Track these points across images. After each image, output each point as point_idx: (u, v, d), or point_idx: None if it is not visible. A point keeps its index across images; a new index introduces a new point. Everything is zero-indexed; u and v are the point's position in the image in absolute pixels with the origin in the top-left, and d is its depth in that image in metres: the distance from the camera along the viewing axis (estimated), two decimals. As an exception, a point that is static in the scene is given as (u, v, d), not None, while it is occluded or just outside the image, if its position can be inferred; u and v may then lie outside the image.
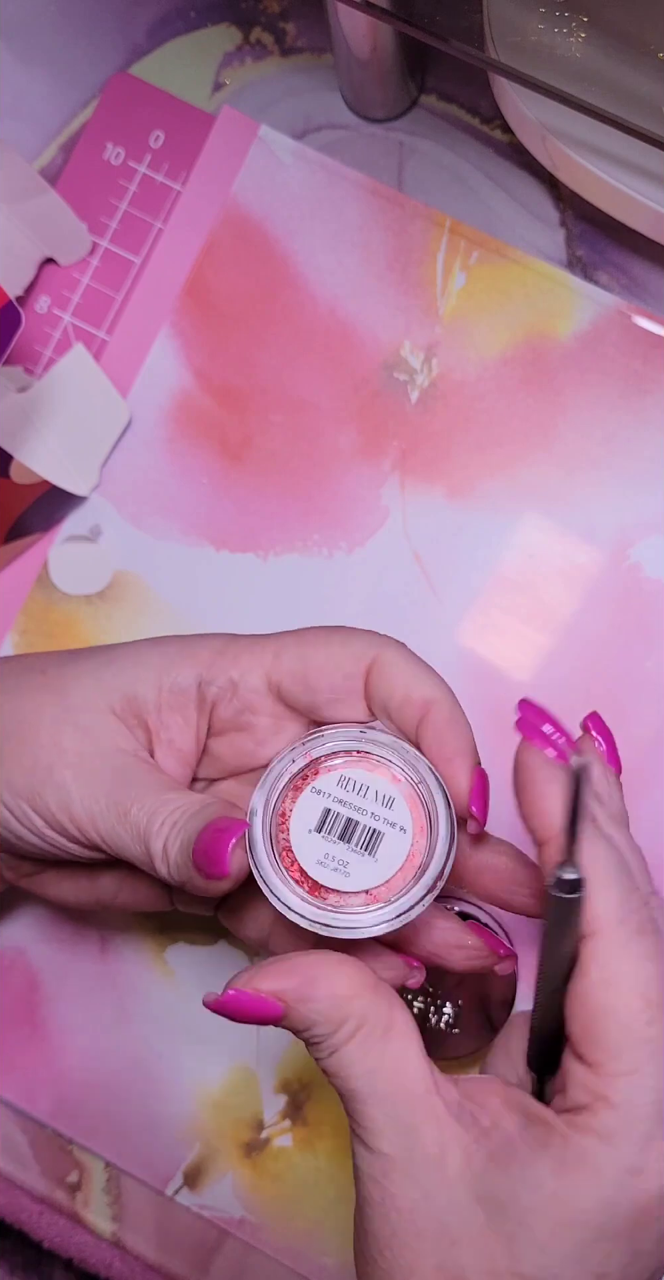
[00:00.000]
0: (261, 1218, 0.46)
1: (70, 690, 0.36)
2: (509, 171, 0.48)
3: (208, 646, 0.36)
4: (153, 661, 0.36)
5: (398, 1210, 0.29)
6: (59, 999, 0.47)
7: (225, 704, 0.36)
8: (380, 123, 0.49)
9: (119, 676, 0.36)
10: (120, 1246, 0.47)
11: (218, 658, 0.36)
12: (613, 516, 0.46)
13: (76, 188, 0.49)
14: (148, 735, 0.36)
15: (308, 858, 0.31)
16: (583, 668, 0.46)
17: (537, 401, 0.47)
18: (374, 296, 0.47)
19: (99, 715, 0.36)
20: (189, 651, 0.36)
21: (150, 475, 0.48)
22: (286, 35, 0.49)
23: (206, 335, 0.48)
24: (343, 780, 0.31)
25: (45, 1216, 0.48)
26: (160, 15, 0.50)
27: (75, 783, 0.35)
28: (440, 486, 0.47)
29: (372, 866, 0.31)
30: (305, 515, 0.47)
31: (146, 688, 0.36)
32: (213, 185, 0.48)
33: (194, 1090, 0.46)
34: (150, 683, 0.36)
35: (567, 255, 0.48)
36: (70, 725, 0.35)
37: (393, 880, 0.31)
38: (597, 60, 0.43)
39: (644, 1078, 0.27)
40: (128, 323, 0.48)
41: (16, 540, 0.48)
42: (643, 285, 0.47)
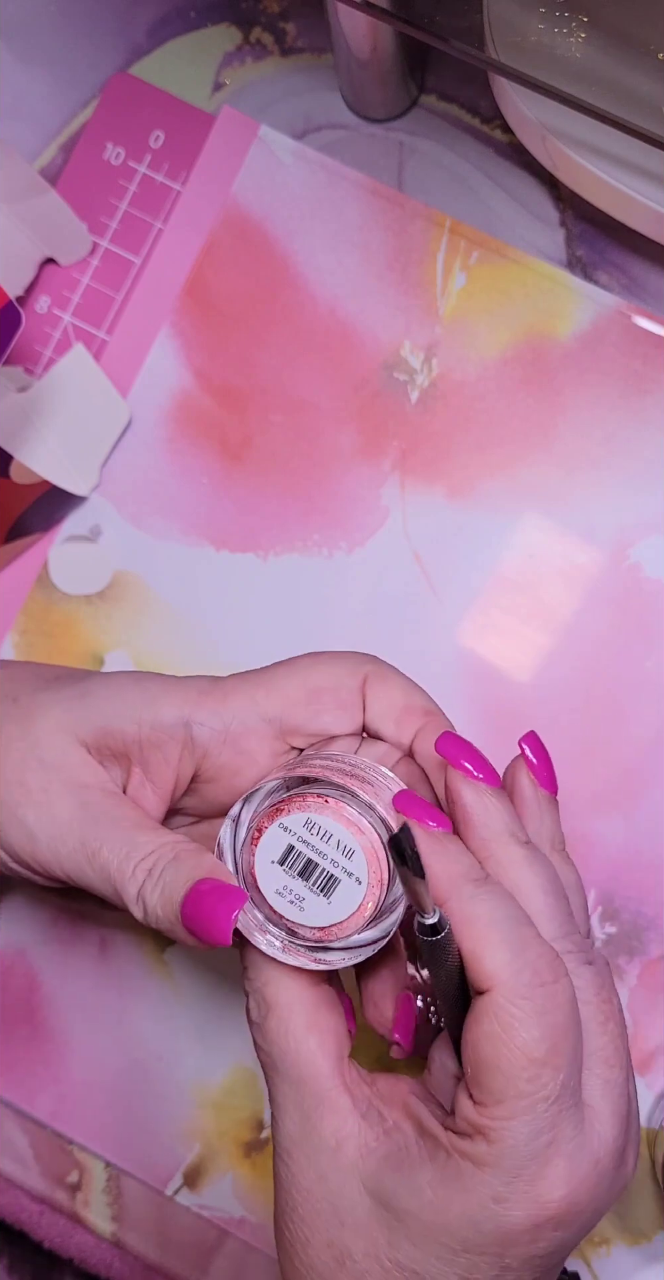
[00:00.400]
0: (262, 1218, 0.46)
1: (36, 722, 0.35)
2: (509, 171, 0.48)
3: (194, 687, 0.36)
4: (132, 697, 0.35)
5: (297, 1188, 0.32)
6: (59, 999, 0.47)
7: (219, 748, 0.35)
8: (380, 123, 0.49)
9: (92, 710, 0.35)
10: (120, 1246, 0.47)
11: (204, 698, 0.35)
12: (613, 516, 0.46)
13: (76, 188, 0.49)
14: (123, 770, 0.36)
15: (268, 885, 0.32)
16: (583, 668, 0.46)
17: (537, 401, 0.47)
18: (374, 296, 0.47)
19: (64, 749, 0.35)
20: (172, 689, 0.36)
21: (150, 475, 0.48)
22: (286, 35, 0.49)
23: (206, 335, 0.48)
24: (309, 823, 0.32)
25: (45, 1216, 0.48)
26: (160, 15, 0.50)
27: (38, 823, 0.34)
28: (440, 486, 0.47)
29: (324, 908, 0.32)
30: (305, 515, 0.47)
31: (125, 722, 0.35)
32: (213, 185, 0.48)
33: (194, 1090, 0.46)
34: (129, 717, 0.35)
35: (567, 255, 0.48)
36: (35, 760, 0.35)
37: (344, 924, 0.32)
38: (597, 60, 0.43)
39: (519, 1124, 0.30)
40: (128, 323, 0.48)
41: (16, 540, 0.48)
42: (643, 285, 0.47)
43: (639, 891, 0.45)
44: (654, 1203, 0.45)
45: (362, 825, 0.32)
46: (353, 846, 0.32)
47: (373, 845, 0.32)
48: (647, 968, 0.45)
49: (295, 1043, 0.32)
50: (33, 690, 0.36)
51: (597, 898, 0.45)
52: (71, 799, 0.34)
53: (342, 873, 0.32)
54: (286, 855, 0.32)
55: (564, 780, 0.46)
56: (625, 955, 0.45)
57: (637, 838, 0.45)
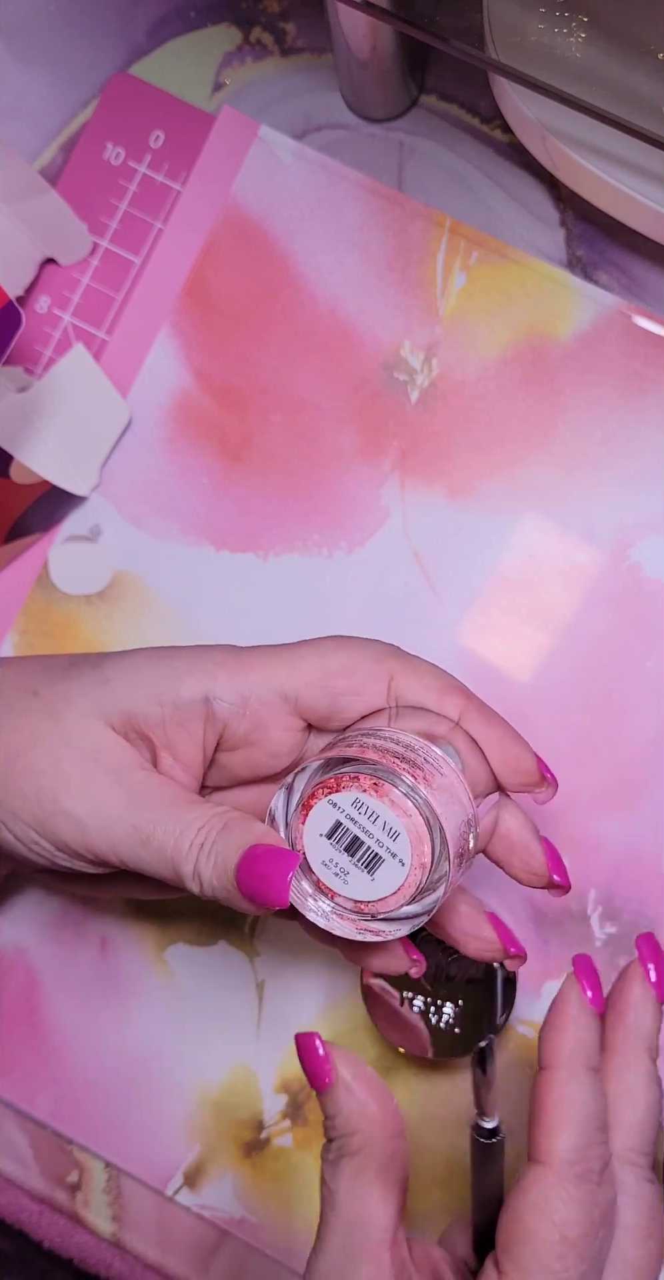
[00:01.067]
0: (261, 1218, 0.46)
1: (64, 713, 0.35)
2: (509, 171, 0.48)
3: (211, 659, 0.36)
4: (151, 677, 0.36)
5: None
6: (59, 999, 0.47)
7: (238, 721, 0.36)
8: (380, 123, 0.49)
9: (115, 695, 0.35)
10: (120, 1246, 0.47)
11: (223, 671, 0.36)
12: (613, 516, 0.46)
13: (76, 188, 0.49)
14: (151, 749, 0.36)
15: (315, 856, 0.33)
16: (583, 668, 0.46)
17: (537, 401, 0.47)
18: (374, 296, 0.47)
19: (99, 735, 0.35)
20: (191, 664, 0.36)
21: (150, 475, 0.48)
22: (286, 35, 0.49)
23: (206, 335, 0.48)
24: (358, 802, 0.33)
25: (45, 1216, 0.48)
26: (160, 15, 0.50)
27: (86, 813, 0.34)
28: (440, 486, 0.47)
29: (367, 884, 0.33)
30: (305, 515, 0.47)
31: (147, 704, 0.35)
32: (213, 185, 0.48)
33: (194, 1090, 0.46)
34: (151, 699, 0.35)
35: (567, 255, 0.48)
36: (71, 750, 0.35)
37: (385, 900, 0.33)
38: (597, 60, 0.43)
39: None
40: (128, 323, 0.48)
41: (16, 540, 0.48)
42: (643, 285, 0.47)
43: (639, 891, 0.45)
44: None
45: (408, 809, 0.33)
46: (398, 829, 0.33)
47: (418, 829, 0.33)
48: (647, 968, 0.45)
49: (363, 1189, 0.34)
50: (51, 681, 0.36)
51: (597, 897, 0.45)
52: (115, 784, 0.34)
53: (386, 853, 0.33)
54: (334, 830, 0.33)
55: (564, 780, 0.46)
56: (626, 955, 0.45)
57: (637, 838, 0.45)
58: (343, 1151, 0.34)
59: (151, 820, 0.34)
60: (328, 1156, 0.34)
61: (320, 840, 0.33)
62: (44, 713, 0.35)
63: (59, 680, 0.36)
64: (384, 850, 0.33)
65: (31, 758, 0.35)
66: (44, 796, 0.34)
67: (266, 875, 0.32)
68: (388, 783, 0.33)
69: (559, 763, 0.45)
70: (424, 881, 0.33)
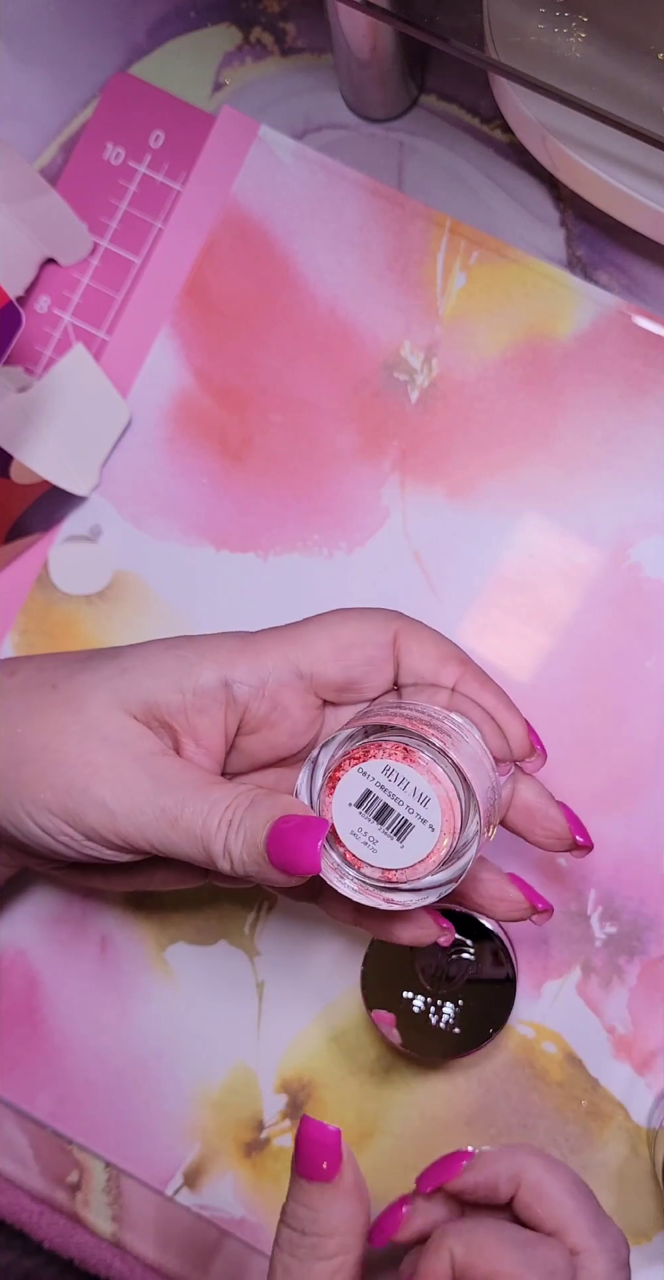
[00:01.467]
0: (261, 1218, 0.46)
1: (87, 704, 0.35)
2: (509, 171, 0.48)
3: (225, 645, 0.36)
4: (168, 666, 0.36)
5: None
6: (59, 999, 0.47)
7: (257, 703, 0.36)
8: (380, 123, 0.49)
9: (135, 686, 0.36)
10: (120, 1246, 0.47)
11: (239, 656, 0.36)
12: (613, 516, 0.46)
13: (76, 188, 0.49)
14: (173, 736, 0.36)
15: (343, 826, 0.34)
16: (583, 668, 0.46)
17: (537, 401, 0.47)
18: (374, 296, 0.47)
19: (122, 724, 0.35)
20: (207, 652, 0.36)
21: (150, 475, 0.48)
22: (286, 35, 0.49)
23: (206, 335, 0.48)
24: (388, 769, 0.33)
25: (45, 1216, 0.48)
26: (160, 15, 0.50)
27: (115, 799, 0.34)
28: (440, 486, 0.47)
29: (397, 851, 0.33)
30: (305, 515, 0.47)
31: (168, 692, 0.36)
32: (213, 185, 0.48)
33: (194, 1090, 0.46)
34: (170, 688, 0.36)
35: (567, 255, 0.48)
36: (96, 739, 0.35)
37: (414, 868, 0.33)
38: (597, 60, 0.43)
39: None
40: (128, 323, 0.48)
41: (16, 540, 0.48)
42: (643, 285, 0.47)
43: (639, 891, 0.45)
44: (654, 1203, 0.45)
45: (438, 774, 0.33)
46: (429, 795, 0.33)
47: (447, 794, 0.33)
48: (647, 968, 0.45)
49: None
50: (69, 674, 0.36)
51: (597, 897, 0.45)
52: (142, 770, 0.35)
53: (416, 819, 0.33)
54: (364, 799, 0.34)
55: (564, 780, 0.46)
56: (625, 955, 0.45)
57: (637, 838, 0.45)
58: (317, 1254, 0.34)
59: (179, 802, 0.34)
60: (298, 1252, 0.35)
61: (349, 810, 0.34)
62: (65, 705, 0.36)
63: (77, 673, 0.36)
64: (414, 816, 0.33)
65: (58, 749, 0.35)
66: (73, 786, 0.34)
67: (296, 845, 0.32)
68: (417, 749, 0.33)
69: (559, 763, 0.45)
70: (455, 845, 0.33)
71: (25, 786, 0.35)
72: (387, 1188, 0.45)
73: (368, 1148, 0.46)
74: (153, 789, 0.34)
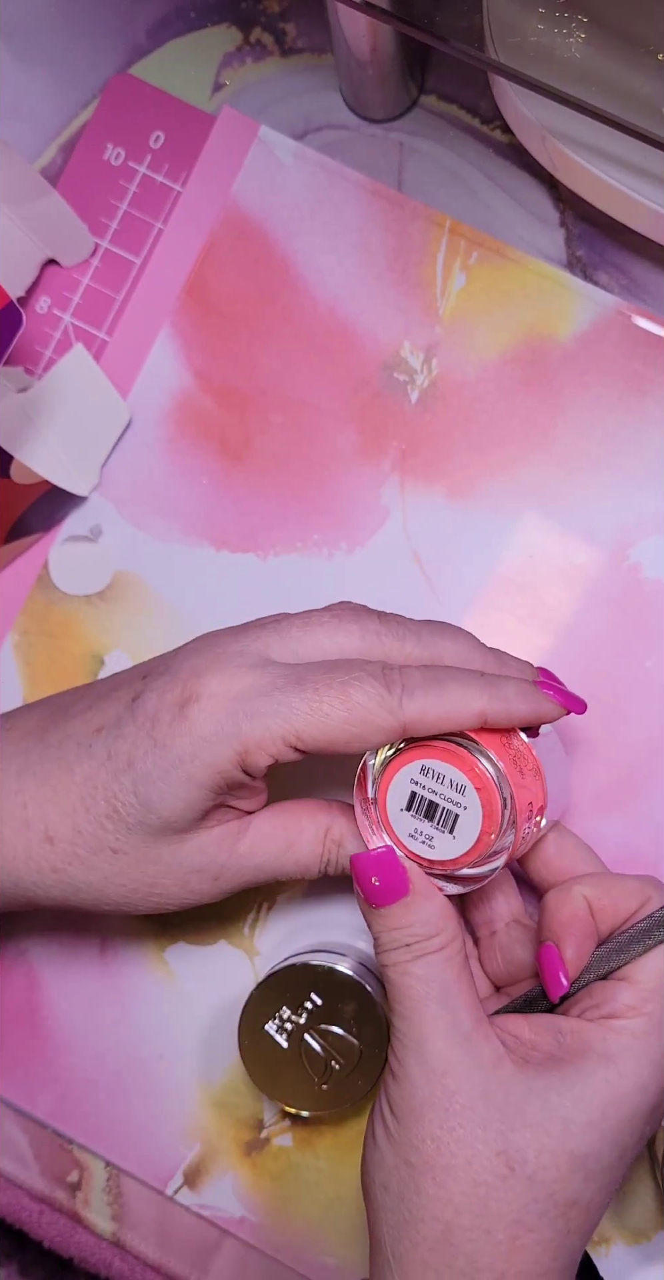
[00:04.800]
0: (261, 1218, 0.46)
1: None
2: (509, 171, 0.48)
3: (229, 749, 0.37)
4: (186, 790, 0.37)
5: (459, 1106, 0.34)
6: (59, 999, 0.47)
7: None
8: (380, 123, 0.49)
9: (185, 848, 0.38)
10: (120, 1246, 0.47)
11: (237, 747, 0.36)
12: (613, 516, 0.46)
13: (77, 188, 0.49)
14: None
15: (402, 831, 0.36)
16: (583, 668, 0.46)
17: (537, 402, 0.47)
18: (374, 297, 0.47)
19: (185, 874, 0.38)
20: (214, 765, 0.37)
21: (150, 475, 0.48)
22: (286, 35, 0.49)
23: (206, 335, 0.48)
24: (424, 768, 0.36)
25: (45, 1216, 0.48)
26: (160, 15, 0.50)
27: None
28: (440, 486, 0.47)
29: (451, 842, 0.36)
30: (305, 515, 0.47)
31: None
32: (213, 185, 0.48)
33: (194, 1090, 0.46)
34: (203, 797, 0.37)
35: (567, 255, 0.48)
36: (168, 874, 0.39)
37: (469, 853, 0.36)
38: (597, 60, 0.43)
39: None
40: (128, 323, 0.48)
41: (17, 540, 0.48)
42: (643, 285, 0.47)
43: (639, 891, 0.45)
44: (654, 1202, 0.45)
45: (462, 756, 0.36)
46: (462, 782, 0.36)
47: (478, 774, 0.35)
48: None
49: (457, 970, 0.35)
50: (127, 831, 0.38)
51: (597, 898, 0.45)
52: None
53: (459, 808, 0.36)
54: (411, 801, 0.36)
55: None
56: (625, 955, 0.45)
57: (637, 838, 0.45)
58: (427, 951, 0.35)
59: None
60: (405, 960, 0.35)
61: (402, 815, 0.36)
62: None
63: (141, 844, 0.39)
64: (458, 807, 0.36)
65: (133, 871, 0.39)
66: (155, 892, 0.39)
67: (385, 880, 0.36)
68: (442, 743, 0.36)
69: (559, 763, 0.45)
70: (501, 824, 0.35)
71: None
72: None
73: (368, 1148, 0.46)
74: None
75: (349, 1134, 0.46)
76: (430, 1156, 0.34)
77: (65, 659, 0.48)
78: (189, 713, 0.36)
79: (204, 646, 0.38)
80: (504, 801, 0.35)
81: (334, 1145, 0.46)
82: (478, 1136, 0.34)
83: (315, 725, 0.35)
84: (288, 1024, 0.43)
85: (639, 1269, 0.44)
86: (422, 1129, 0.34)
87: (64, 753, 0.38)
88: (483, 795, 0.35)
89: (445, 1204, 0.34)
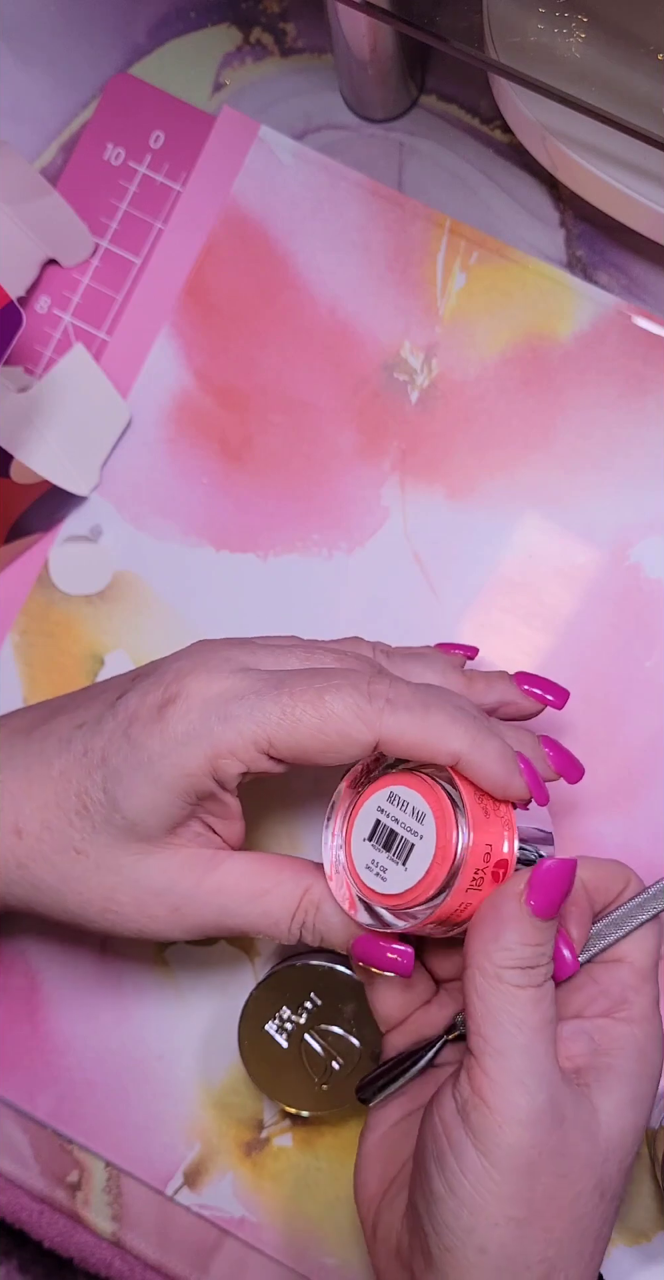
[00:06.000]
0: (261, 1218, 0.46)
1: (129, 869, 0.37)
2: (509, 171, 0.48)
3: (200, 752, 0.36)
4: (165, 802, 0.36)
5: (572, 1153, 0.33)
6: (59, 999, 0.47)
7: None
8: (380, 123, 0.49)
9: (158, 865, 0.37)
10: (120, 1246, 0.47)
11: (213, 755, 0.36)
12: (613, 516, 0.46)
13: (77, 188, 0.49)
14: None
15: (359, 862, 0.35)
16: (583, 667, 0.46)
17: (537, 402, 0.47)
18: (374, 296, 0.47)
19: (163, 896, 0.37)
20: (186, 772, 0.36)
21: (150, 475, 0.48)
22: (287, 35, 0.49)
23: (206, 335, 0.48)
24: (392, 795, 0.34)
25: (45, 1216, 0.48)
26: (160, 15, 0.50)
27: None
28: (440, 486, 0.47)
29: (401, 874, 0.34)
30: (305, 515, 0.47)
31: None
32: (213, 185, 0.48)
33: (194, 1090, 0.46)
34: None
35: (567, 255, 0.48)
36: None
37: (415, 888, 0.34)
38: (597, 60, 0.43)
39: None
40: (128, 323, 0.48)
41: (17, 540, 0.48)
42: (643, 285, 0.47)
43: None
44: (654, 1203, 0.45)
45: (431, 784, 0.34)
46: (424, 810, 0.34)
47: (441, 805, 0.34)
48: (647, 968, 0.45)
49: (548, 1005, 0.34)
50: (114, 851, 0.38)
51: (597, 898, 0.45)
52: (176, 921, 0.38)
53: (416, 837, 0.34)
54: (374, 830, 0.35)
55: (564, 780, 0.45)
56: (625, 955, 0.45)
57: (637, 838, 0.45)
58: (541, 979, 0.34)
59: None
60: (529, 986, 0.34)
61: (364, 844, 0.35)
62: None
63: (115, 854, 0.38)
64: (414, 835, 0.34)
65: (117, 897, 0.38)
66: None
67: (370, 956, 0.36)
68: (409, 770, 0.35)
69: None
70: (454, 863, 0.34)
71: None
72: (386, 1188, 0.45)
73: (368, 1148, 0.46)
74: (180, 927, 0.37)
75: (349, 1134, 0.46)
76: (541, 1206, 0.33)
77: (65, 659, 0.48)
78: (166, 713, 0.35)
79: (194, 651, 0.37)
80: (457, 843, 0.34)
81: (334, 1145, 0.46)
82: (585, 1176, 0.33)
83: (286, 731, 0.34)
84: (288, 1024, 0.43)
85: (639, 1269, 0.44)
86: (534, 1182, 0.33)
87: (45, 747, 0.37)
88: (440, 828, 0.33)
89: (549, 1243, 0.33)
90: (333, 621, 0.47)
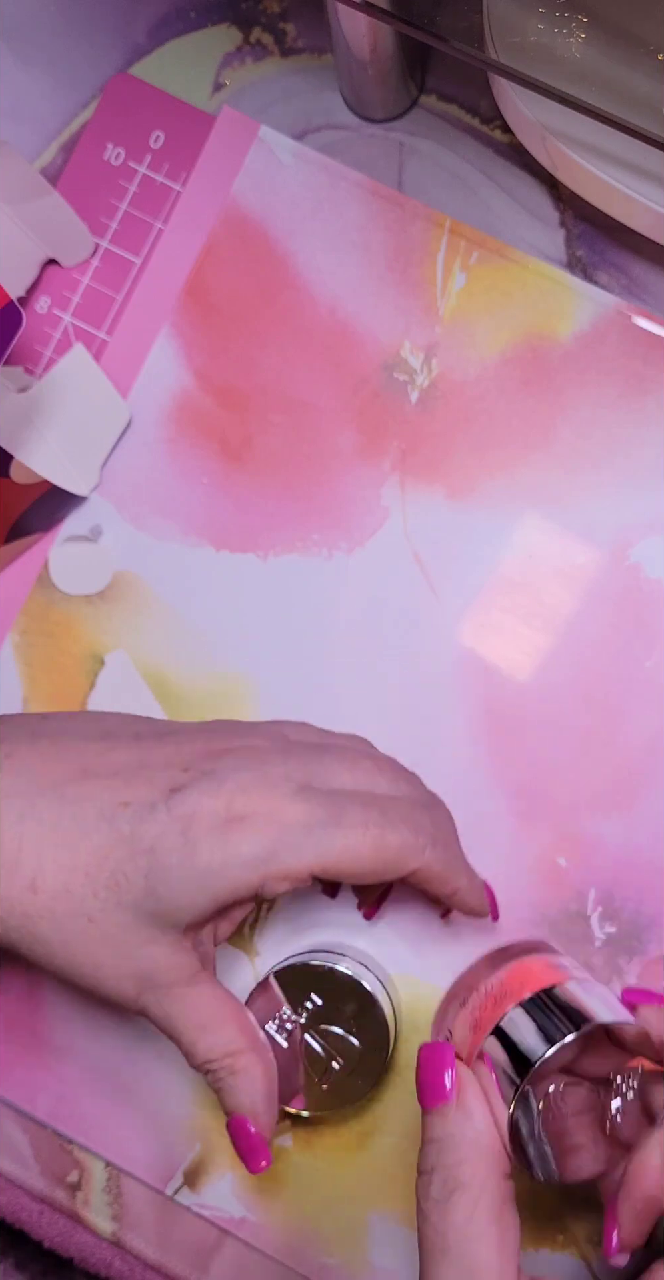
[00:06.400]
0: (261, 1218, 0.46)
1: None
2: (509, 171, 0.48)
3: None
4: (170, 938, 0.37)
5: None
6: (59, 1000, 0.47)
7: None
8: (380, 123, 0.49)
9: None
10: (120, 1246, 0.47)
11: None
12: (613, 516, 0.46)
13: (77, 188, 0.49)
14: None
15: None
16: (583, 667, 0.46)
17: (537, 402, 0.47)
18: (374, 297, 0.47)
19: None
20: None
21: (150, 475, 0.48)
22: (286, 36, 0.49)
23: (206, 335, 0.48)
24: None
25: (45, 1216, 0.48)
26: (160, 15, 0.50)
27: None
28: (440, 486, 0.47)
29: None
30: (305, 515, 0.47)
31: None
32: (213, 185, 0.48)
33: (194, 1090, 0.46)
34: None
35: (567, 255, 0.48)
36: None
37: None
38: (597, 60, 0.43)
39: None
40: (128, 323, 0.48)
41: (16, 540, 0.48)
42: (643, 285, 0.47)
43: (639, 891, 0.45)
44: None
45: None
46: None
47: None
48: (647, 968, 0.45)
49: (479, 1230, 0.32)
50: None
51: (596, 897, 0.45)
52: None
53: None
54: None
55: (564, 780, 0.46)
56: (625, 955, 0.45)
57: (637, 838, 0.45)
58: (453, 1185, 0.33)
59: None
60: (432, 1193, 0.33)
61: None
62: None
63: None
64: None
65: None
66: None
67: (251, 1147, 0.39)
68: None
69: (559, 763, 0.45)
70: None
71: None
72: (387, 1187, 0.45)
73: (368, 1147, 0.46)
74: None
75: (349, 1134, 0.46)
76: None
77: (65, 659, 0.48)
78: (233, 829, 0.36)
79: (249, 760, 0.38)
80: None
81: (334, 1145, 0.46)
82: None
83: (346, 863, 0.36)
84: (288, 1024, 0.42)
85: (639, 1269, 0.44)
86: None
87: (81, 812, 0.36)
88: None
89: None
90: (333, 622, 0.47)
